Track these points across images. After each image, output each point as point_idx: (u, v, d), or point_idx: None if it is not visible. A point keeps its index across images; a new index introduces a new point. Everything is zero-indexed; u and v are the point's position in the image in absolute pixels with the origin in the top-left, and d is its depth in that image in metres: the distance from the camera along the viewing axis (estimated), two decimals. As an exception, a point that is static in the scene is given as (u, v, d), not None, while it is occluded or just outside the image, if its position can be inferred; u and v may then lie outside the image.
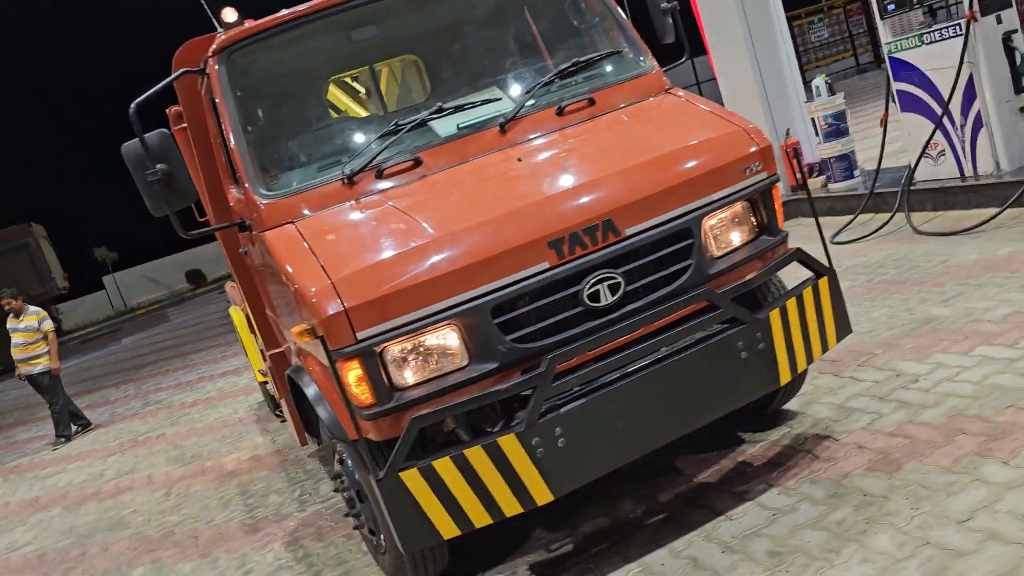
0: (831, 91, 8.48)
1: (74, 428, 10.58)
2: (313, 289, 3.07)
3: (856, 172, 8.53)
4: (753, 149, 3.52)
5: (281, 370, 4.99)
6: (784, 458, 3.85)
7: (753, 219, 3.60)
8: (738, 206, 3.53)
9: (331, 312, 2.99)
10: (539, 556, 3.70)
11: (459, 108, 3.74)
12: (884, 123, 7.62)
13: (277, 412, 6.61)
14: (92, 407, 12.64)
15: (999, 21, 6.73)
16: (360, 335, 3.01)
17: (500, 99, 3.83)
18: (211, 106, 4.36)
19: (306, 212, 3.48)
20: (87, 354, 24.40)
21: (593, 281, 3.20)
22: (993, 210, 6.59)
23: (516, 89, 3.97)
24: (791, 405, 4.37)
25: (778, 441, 4.04)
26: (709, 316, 3.33)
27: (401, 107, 4.28)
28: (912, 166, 7.30)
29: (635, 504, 3.87)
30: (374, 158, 3.54)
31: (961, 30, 6.65)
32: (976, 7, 6.58)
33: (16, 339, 9.93)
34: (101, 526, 6.30)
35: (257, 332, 5.19)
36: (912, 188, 7.33)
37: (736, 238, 3.55)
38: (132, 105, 3.56)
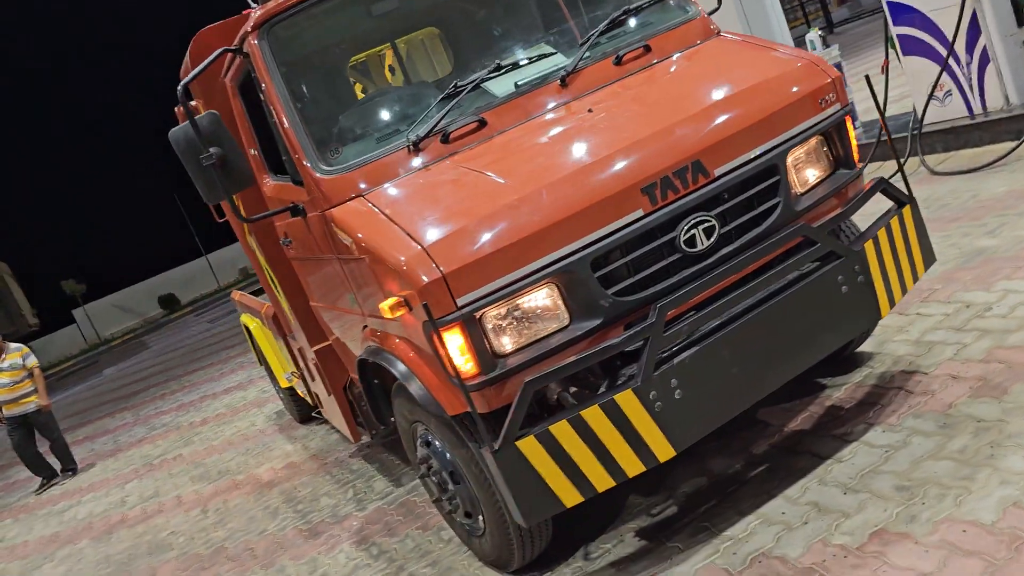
0: (825, 44, 8.45)
1: (40, 480, 9.96)
2: (404, 258, 2.90)
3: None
4: (826, 80, 3.42)
5: (328, 365, 4.81)
6: (875, 397, 3.76)
7: (829, 153, 3.51)
8: (814, 141, 3.43)
9: (429, 280, 2.83)
10: (643, 522, 3.57)
11: (515, 66, 3.59)
12: (885, 70, 7.59)
13: (316, 413, 6.39)
14: (91, 438, 12.28)
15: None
16: (460, 301, 2.85)
17: (554, 54, 3.69)
18: (239, 92, 4.17)
19: (373, 184, 3.31)
20: (68, 389, 23.81)
21: (688, 226, 3.08)
22: (1008, 144, 6.59)
23: (562, 44, 3.83)
24: (864, 347, 4.28)
25: (862, 382, 3.95)
26: (805, 253, 3.22)
27: (446, 74, 4.09)
28: (921, 109, 7.28)
29: (729, 460, 3.76)
30: (437, 122, 3.37)
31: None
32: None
33: (1, 379, 9.42)
34: (140, 551, 6.05)
35: (298, 330, 4.99)
36: (921, 131, 7.31)
37: (816, 174, 3.45)
38: (180, 86, 3.37)
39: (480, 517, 3.45)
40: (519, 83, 3.55)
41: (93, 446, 11.46)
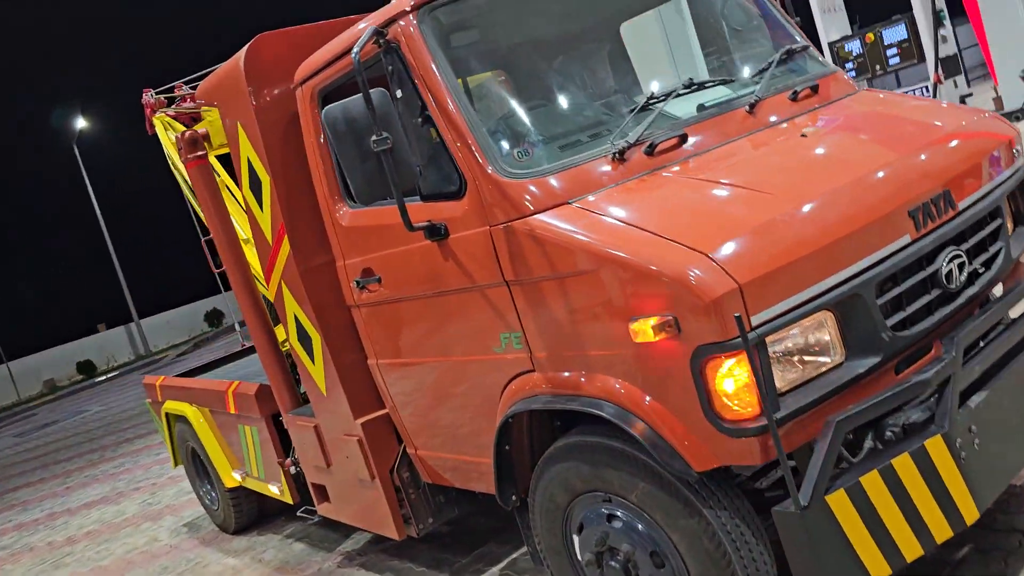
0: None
1: None
2: (683, 268, 2.36)
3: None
4: (1013, 133, 3.32)
5: (377, 442, 3.97)
6: (1046, 473, 3.49)
7: (1013, 208, 3.37)
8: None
9: (723, 291, 2.30)
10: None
11: (701, 86, 3.23)
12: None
13: (304, 512, 5.23)
14: None
15: (955, 85, 7.32)
16: (755, 320, 2.33)
17: (733, 80, 3.37)
18: (320, 101, 3.53)
19: (577, 192, 2.76)
20: None
21: (947, 258, 2.75)
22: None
23: (724, 74, 3.54)
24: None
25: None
26: None
27: (613, 86, 3.62)
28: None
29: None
30: (641, 134, 2.91)
31: (928, 92, 7.14)
32: (941, 71, 7.12)
33: None
34: None
35: (332, 400, 4.11)
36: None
37: (1010, 227, 3.28)
38: (355, 52, 2.72)
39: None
40: (707, 104, 3.18)
41: (-101, 576, 9.16)
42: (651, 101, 3.04)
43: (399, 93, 3.05)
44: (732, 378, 2.35)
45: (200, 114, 7.36)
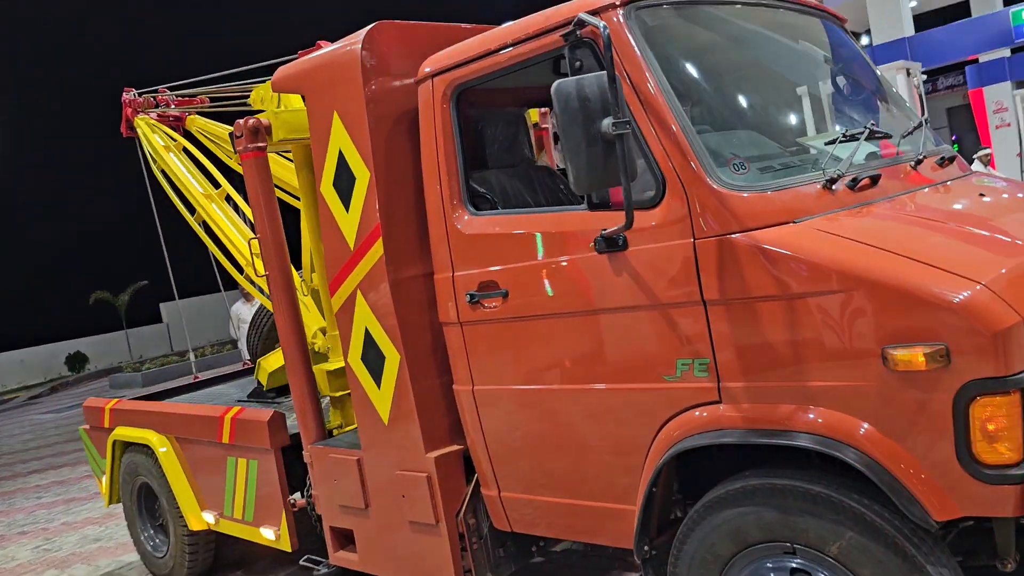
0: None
1: None
2: (962, 293, 2.22)
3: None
4: None
5: (449, 480, 3.57)
6: None
7: None
8: None
9: (1009, 323, 2.17)
10: None
11: (872, 135, 3.18)
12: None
13: (308, 560, 4.52)
14: None
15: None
16: (1025, 360, 2.20)
17: (891, 136, 3.35)
18: (454, 98, 3.28)
19: (796, 214, 2.61)
20: None
21: None
22: None
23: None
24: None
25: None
26: None
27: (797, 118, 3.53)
28: None
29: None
30: (848, 167, 2.81)
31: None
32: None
33: None
34: None
35: (392, 430, 3.68)
36: None
37: None
38: (603, 28, 2.49)
39: None
40: (877, 154, 3.14)
41: None
42: (844, 138, 2.97)
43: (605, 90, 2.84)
44: (1001, 419, 2.19)
45: (185, 120, 6.92)
